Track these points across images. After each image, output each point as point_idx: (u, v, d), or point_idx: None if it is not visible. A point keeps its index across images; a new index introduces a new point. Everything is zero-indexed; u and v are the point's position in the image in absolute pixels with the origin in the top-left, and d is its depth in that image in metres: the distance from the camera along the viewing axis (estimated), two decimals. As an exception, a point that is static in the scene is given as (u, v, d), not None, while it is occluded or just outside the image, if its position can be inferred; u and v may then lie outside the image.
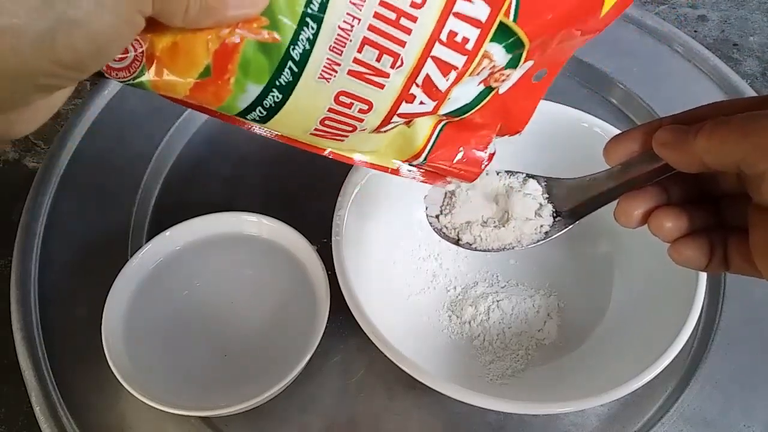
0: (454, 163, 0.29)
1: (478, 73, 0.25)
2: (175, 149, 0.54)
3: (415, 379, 0.34)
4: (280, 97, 0.23)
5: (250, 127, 0.26)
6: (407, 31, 0.22)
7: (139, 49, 0.21)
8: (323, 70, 0.23)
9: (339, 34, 0.22)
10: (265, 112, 0.24)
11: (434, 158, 0.29)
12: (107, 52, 0.19)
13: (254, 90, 0.23)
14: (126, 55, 0.21)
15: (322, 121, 0.25)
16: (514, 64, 0.25)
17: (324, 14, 0.21)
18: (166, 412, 0.36)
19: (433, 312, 0.44)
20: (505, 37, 0.24)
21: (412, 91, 0.24)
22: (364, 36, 0.22)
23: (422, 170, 0.30)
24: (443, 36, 0.23)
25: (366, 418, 0.41)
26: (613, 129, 0.42)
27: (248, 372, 0.40)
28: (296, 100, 0.23)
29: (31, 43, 0.17)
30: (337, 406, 0.41)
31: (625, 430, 0.41)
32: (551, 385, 0.39)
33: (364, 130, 0.26)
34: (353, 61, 0.23)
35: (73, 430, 0.40)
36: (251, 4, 0.21)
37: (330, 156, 0.28)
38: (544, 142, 0.42)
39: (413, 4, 0.22)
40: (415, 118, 0.27)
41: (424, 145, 0.28)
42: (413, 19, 0.22)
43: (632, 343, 0.38)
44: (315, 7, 0.21)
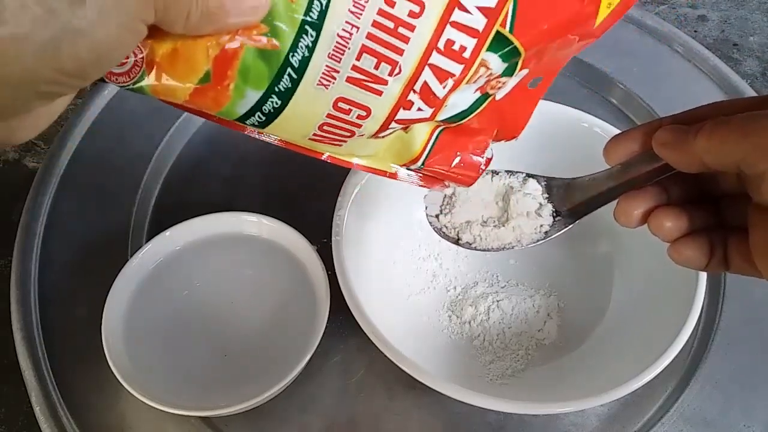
0: (452, 168, 0.30)
1: (474, 81, 0.25)
2: (175, 149, 0.54)
3: (415, 379, 0.34)
4: (279, 103, 0.23)
5: (253, 133, 0.26)
6: (405, 40, 0.22)
7: (140, 55, 0.21)
8: (322, 77, 0.23)
9: (338, 42, 0.22)
10: (264, 118, 0.24)
11: (432, 163, 0.29)
12: (110, 60, 0.19)
13: (253, 96, 0.23)
14: (126, 60, 0.21)
15: (321, 127, 0.25)
16: (510, 72, 0.26)
17: (323, 22, 0.21)
18: (166, 412, 0.36)
19: (433, 312, 0.44)
20: (502, 47, 0.24)
21: (409, 98, 0.24)
22: (363, 44, 0.22)
23: (420, 174, 0.31)
24: (441, 45, 0.23)
25: (366, 418, 0.41)
26: (613, 129, 0.42)
27: (248, 372, 0.40)
28: (295, 106, 0.23)
29: (35, 52, 0.17)
30: (337, 406, 0.41)
31: (625, 430, 0.41)
32: (551, 385, 0.39)
33: (363, 135, 0.26)
34: (352, 69, 0.23)
35: (73, 430, 0.40)
36: (251, 12, 0.21)
37: (328, 160, 0.28)
38: (544, 142, 0.42)
39: (411, 14, 0.22)
40: (413, 124, 0.27)
41: (422, 150, 0.29)
42: (411, 28, 0.22)
43: (632, 343, 0.38)
44: (314, 15, 0.21)
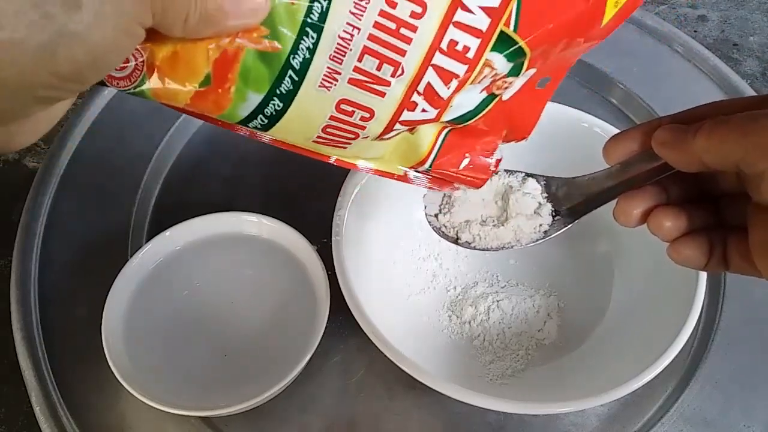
0: (461, 170, 0.29)
1: (479, 81, 0.25)
2: (175, 149, 0.54)
3: (415, 379, 0.34)
4: (281, 105, 0.23)
5: (260, 136, 0.25)
6: (407, 41, 0.22)
7: (140, 59, 0.21)
8: (324, 79, 0.23)
9: (339, 44, 0.22)
10: (267, 121, 0.24)
11: (440, 165, 0.29)
12: (107, 64, 0.19)
13: (255, 99, 0.23)
14: (127, 64, 0.21)
15: (324, 129, 0.25)
16: (516, 72, 0.25)
17: (324, 24, 0.21)
18: (166, 412, 0.36)
19: (433, 312, 0.43)
20: (506, 46, 0.24)
21: (413, 99, 0.24)
22: (365, 45, 0.22)
23: (429, 177, 0.30)
24: (444, 45, 0.23)
25: (366, 418, 0.41)
26: (613, 129, 0.42)
27: (248, 372, 0.40)
28: (297, 109, 0.23)
29: (31, 56, 0.16)
30: (337, 406, 0.41)
31: (625, 430, 0.41)
32: (551, 385, 0.39)
33: (367, 137, 0.26)
34: (354, 70, 0.23)
35: (73, 430, 0.40)
36: (251, 14, 0.20)
37: (335, 163, 0.28)
38: (544, 142, 0.42)
39: (413, 14, 0.22)
40: (419, 125, 0.27)
41: (429, 151, 0.28)
42: (413, 29, 0.22)
43: (632, 343, 0.38)
44: (315, 17, 0.21)
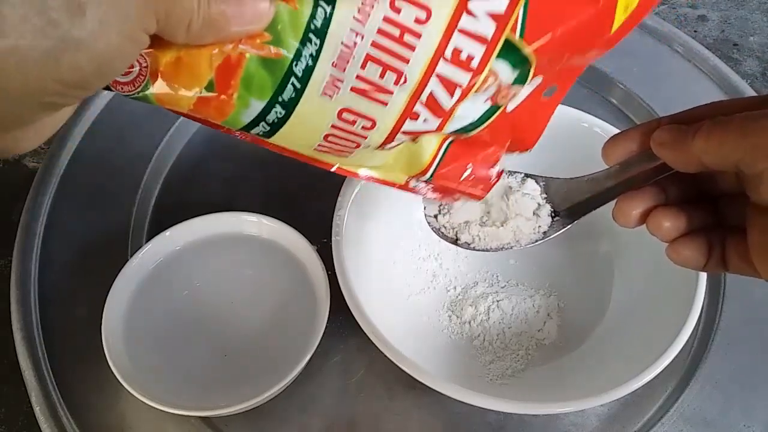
0: (461, 181, 0.29)
1: (484, 90, 0.25)
2: (175, 149, 0.54)
3: (415, 379, 0.34)
4: (283, 112, 0.23)
5: (263, 143, 0.25)
6: (411, 48, 0.22)
7: (144, 64, 0.21)
8: (326, 87, 0.22)
9: (342, 51, 0.21)
10: (269, 128, 0.23)
11: (441, 175, 0.29)
12: (111, 71, 0.19)
13: (257, 105, 0.22)
14: (131, 69, 0.21)
15: (326, 137, 0.25)
16: (521, 80, 0.25)
17: (327, 30, 0.21)
18: (166, 412, 0.36)
19: (433, 312, 0.43)
20: (512, 54, 0.23)
21: (416, 109, 0.24)
22: (368, 52, 0.22)
23: (431, 186, 0.30)
24: (448, 53, 0.22)
25: (366, 418, 0.41)
26: (613, 129, 0.42)
27: (248, 372, 0.40)
28: (300, 116, 0.23)
29: (36, 63, 0.17)
30: (337, 406, 0.41)
31: (625, 430, 0.41)
32: (551, 385, 0.39)
33: (369, 146, 0.26)
34: (356, 78, 0.22)
35: (73, 430, 0.40)
36: (254, 21, 0.20)
37: (337, 172, 0.28)
38: (544, 142, 0.42)
39: (418, 21, 0.21)
40: (421, 135, 0.27)
41: (431, 161, 0.28)
42: (417, 36, 0.22)
43: (632, 343, 0.38)
44: (318, 24, 0.21)
